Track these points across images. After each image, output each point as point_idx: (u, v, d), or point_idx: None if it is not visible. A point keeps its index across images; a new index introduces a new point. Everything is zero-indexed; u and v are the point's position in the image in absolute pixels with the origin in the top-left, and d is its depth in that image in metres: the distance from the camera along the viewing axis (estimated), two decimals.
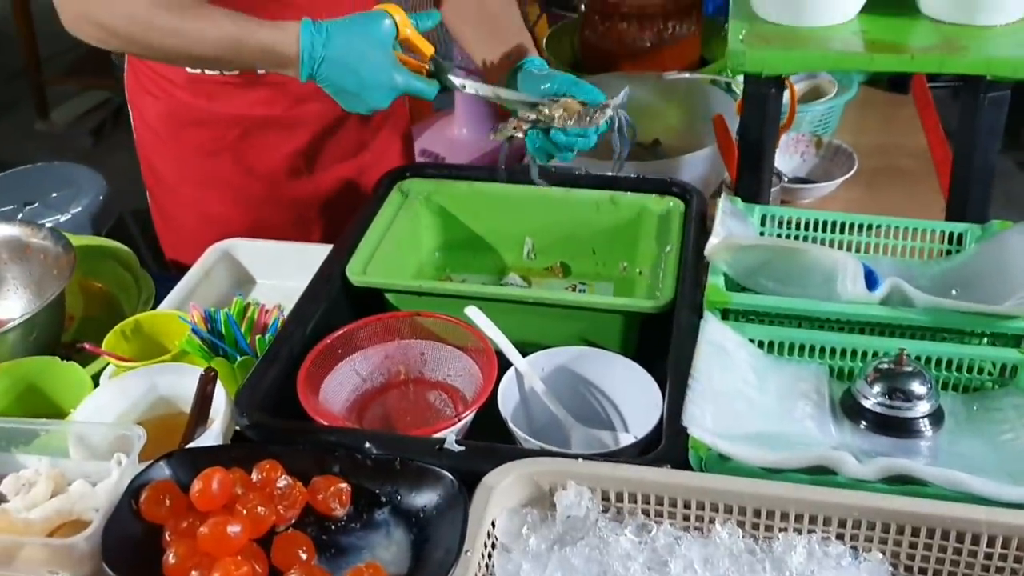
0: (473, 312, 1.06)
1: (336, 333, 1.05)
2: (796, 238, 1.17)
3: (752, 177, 1.22)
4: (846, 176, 1.45)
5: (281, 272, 1.36)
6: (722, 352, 0.97)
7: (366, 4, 1.32)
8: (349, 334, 1.06)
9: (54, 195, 2.34)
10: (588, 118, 1.12)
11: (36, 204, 2.28)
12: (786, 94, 1.28)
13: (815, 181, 1.50)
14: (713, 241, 1.04)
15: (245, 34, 1.08)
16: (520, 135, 1.15)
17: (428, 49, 1.11)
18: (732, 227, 1.11)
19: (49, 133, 3.76)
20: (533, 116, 1.13)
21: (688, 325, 1.03)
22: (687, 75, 1.55)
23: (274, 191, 1.39)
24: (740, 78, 1.66)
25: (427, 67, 1.12)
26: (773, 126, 1.19)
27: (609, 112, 1.13)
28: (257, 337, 1.10)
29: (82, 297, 1.37)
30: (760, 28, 1.17)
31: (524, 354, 1.06)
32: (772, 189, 1.26)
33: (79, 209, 2.25)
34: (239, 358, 1.10)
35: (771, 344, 1.00)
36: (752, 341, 1.00)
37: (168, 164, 1.41)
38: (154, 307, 1.29)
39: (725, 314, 1.02)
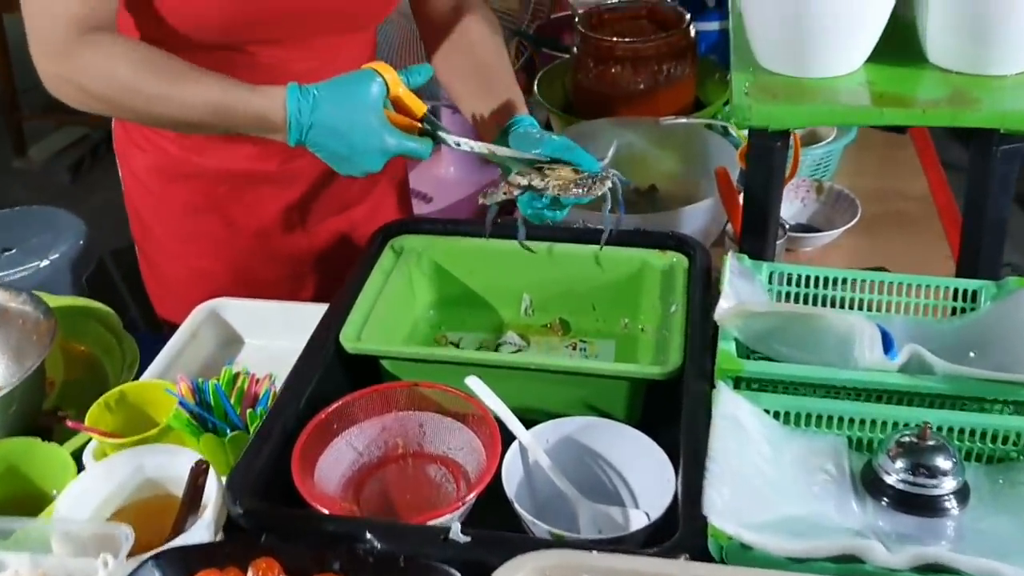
0: (474, 383, 1.02)
1: (330, 407, 1.01)
2: (805, 296, 1.13)
3: (758, 232, 1.18)
4: (849, 225, 1.42)
5: (271, 332, 1.31)
6: (737, 426, 0.93)
7: (355, 60, 1.29)
8: (344, 407, 1.01)
9: (33, 240, 2.28)
10: (585, 188, 1.08)
11: (14, 250, 2.21)
12: None
13: (817, 228, 1.47)
14: (723, 306, 1.01)
15: (232, 100, 1.03)
16: (511, 199, 1.12)
17: (420, 108, 1.07)
18: (740, 288, 1.07)
19: (27, 170, 3.70)
20: (524, 181, 1.10)
21: (698, 393, 0.99)
22: (683, 120, 1.51)
23: (266, 246, 1.35)
24: None
25: (420, 125, 1.08)
26: (779, 180, 1.16)
27: (608, 184, 1.09)
28: (248, 411, 1.05)
29: (63, 360, 1.31)
30: (764, 80, 1.13)
31: (525, 419, 1.02)
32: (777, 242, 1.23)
33: (57, 256, 2.19)
34: (229, 433, 1.05)
35: (786, 414, 0.96)
36: (767, 411, 0.96)
37: (157, 218, 1.36)
38: (139, 370, 1.24)
39: (737, 382, 0.98)
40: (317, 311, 1.27)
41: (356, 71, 1.06)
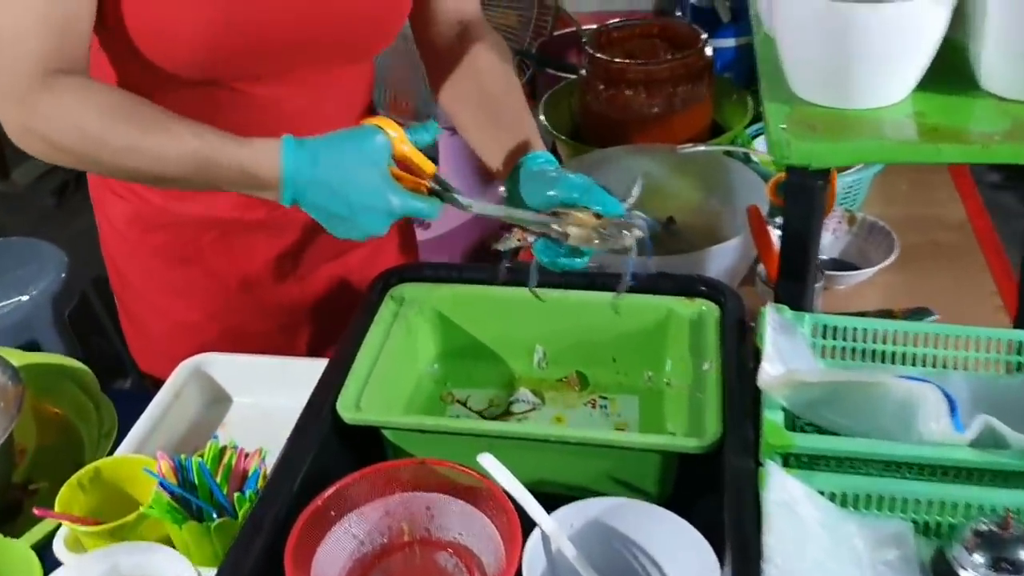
0: (487, 461, 0.91)
1: (327, 492, 0.89)
2: (852, 351, 1.03)
3: (797, 278, 1.07)
4: (888, 262, 1.31)
5: (262, 389, 1.21)
6: (791, 514, 0.82)
7: (351, 96, 1.18)
8: (342, 491, 0.90)
9: (13, 274, 2.17)
10: (608, 238, 0.98)
11: None
12: None
13: (850, 262, 1.36)
14: (769, 371, 0.90)
15: (215, 153, 0.92)
16: (526, 245, 1.01)
17: (429, 167, 0.97)
18: (782, 345, 0.96)
19: (10, 193, 3.58)
20: (540, 228, 0.99)
21: (742, 471, 0.88)
22: (703, 148, 1.40)
23: (254, 297, 1.24)
24: (760, 146, 1.53)
25: (427, 184, 0.97)
26: (819, 221, 1.05)
27: (636, 233, 0.98)
28: (236, 495, 0.94)
29: (36, 425, 1.20)
30: (802, 112, 1.03)
31: (541, 493, 0.91)
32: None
33: (37, 292, 2.08)
34: (216, 517, 0.94)
35: (843, 495, 0.85)
36: (822, 493, 0.85)
37: (136, 269, 1.25)
38: (118, 438, 1.13)
39: (786, 458, 0.88)
40: (311, 366, 1.17)
41: (357, 127, 0.96)
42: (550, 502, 0.91)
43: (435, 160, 2.22)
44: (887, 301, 1.32)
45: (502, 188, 1.10)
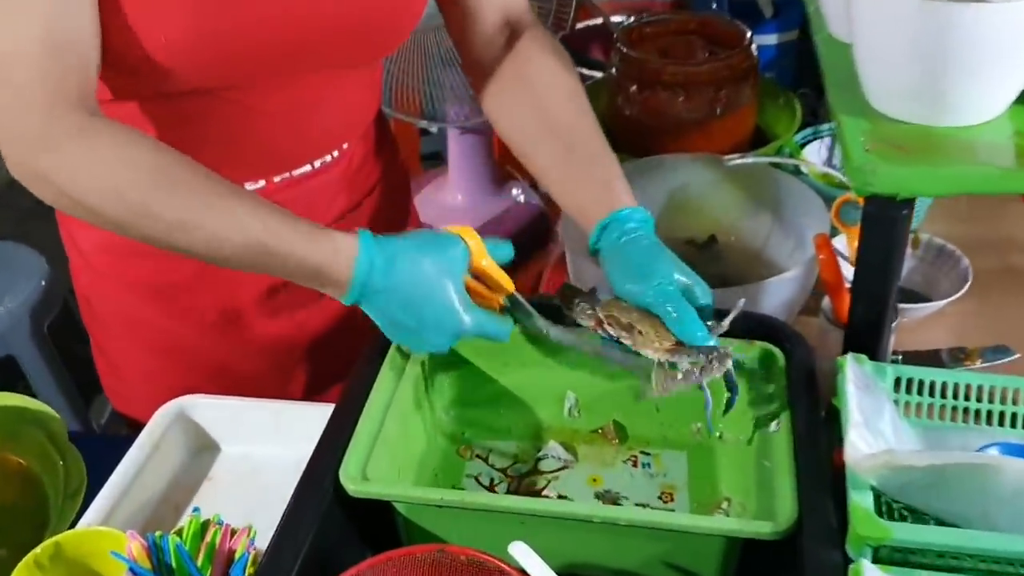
0: (520, 552, 0.76)
1: None
2: (941, 408, 0.88)
3: (873, 321, 0.93)
4: (962, 291, 1.16)
5: (253, 436, 1.06)
6: None
7: (356, 105, 1.03)
8: None
9: None
10: (689, 375, 0.84)
11: None
12: None
13: (916, 291, 1.21)
14: (858, 446, 0.75)
15: (280, 243, 0.79)
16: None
17: (508, 285, 0.87)
18: (864, 404, 0.82)
19: None
20: (613, 332, 0.86)
21: (826, 568, 0.73)
22: (751, 159, 1.25)
23: (243, 334, 1.08)
24: (811, 156, 1.38)
25: (500, 301, 0.88)
26: (901, 257, 0.90)
27: (722, 369, 0.83)
28: None
29: None
30: (885, 130, 0.87)
31: None
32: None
33: (15, 304, 1.92)
34: None
35: None
36: None
37: (108, 303, 1.09)
38: (88, 496, 0.98)
39: (875, 550, 0.73)
40: (308, 412, 1.03)
41: (438, 233, 0.84)
42: None
43: (444, 159, 2.08)
44: (959, 336, 1.17)
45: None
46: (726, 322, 0.84)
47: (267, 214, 0.79)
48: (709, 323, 0.86)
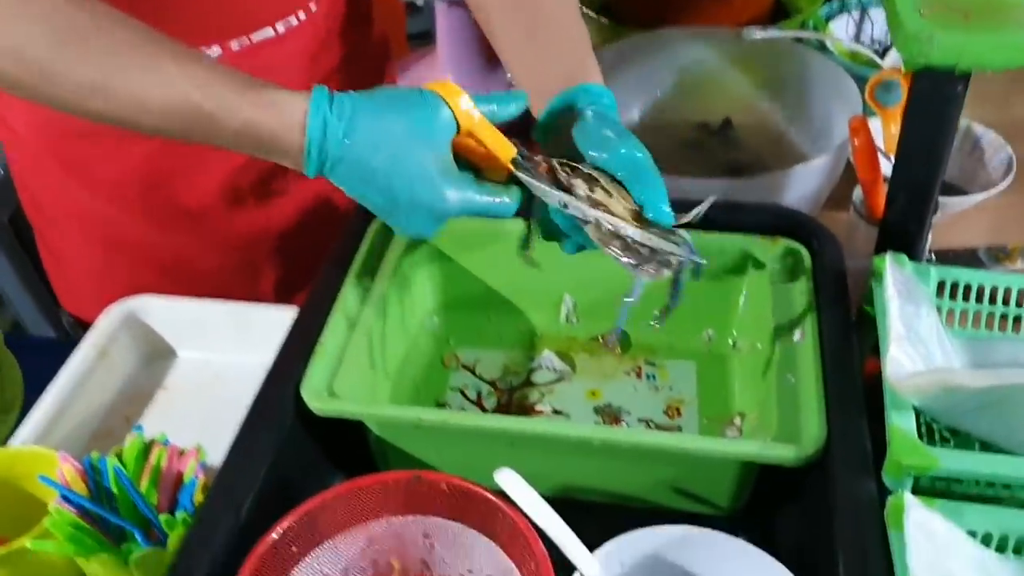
0: (508, 480, 0.66)
1: (286, 521, 0.65)
2: (990, 316, 0.77)
3: (913, 217, 0.81)
4: (1007, 181, 1.04)
5: (212, 340, 0.96)
6: (940, 569, 0.58)
7: None
8: (310, 518, 0.66)
9: None
10: (637, 257, 0.69)
11: None
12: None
13: (951, 183, 1.09)
14: (901, 362, 0.64)
15: (219, 110, 0.64)
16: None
17: (507, 150, 0.69)
18: (906, 312, 0.71)
19: None
20: (558, 196, 0.69)
21: (859, 501, 0.63)
22: (774, 33, 1.11)
23: (205, 226, 0.96)
24: (838, 32, 1.24)
25: (508, 166, 0.70)
26: (951, 141, 0.78)
27: (672, 265, 0.69)
28: (164, 517, 0.69)
29: None
30: None
31: (576, 502, 0.69)
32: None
33: None
34: (143, 545, 0.69)
35: (1003, 538, 0.61)
36: (972, 535, 0.61)
37: (51, 192, 0.97)
38: (23, 410, 0.88)
39: (916, 480, 0.63)
40: (274, 314, 0.92)
41: (412, 91, 0.67)
42: (587, 515, 0.68)
43: (434, 37, 1.92)
44: (997, 233, 1.06)
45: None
46: (694, 212, 0.71)
47: (202, 71, 0.64)
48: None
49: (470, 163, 0.70)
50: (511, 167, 0.69)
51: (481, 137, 0.68)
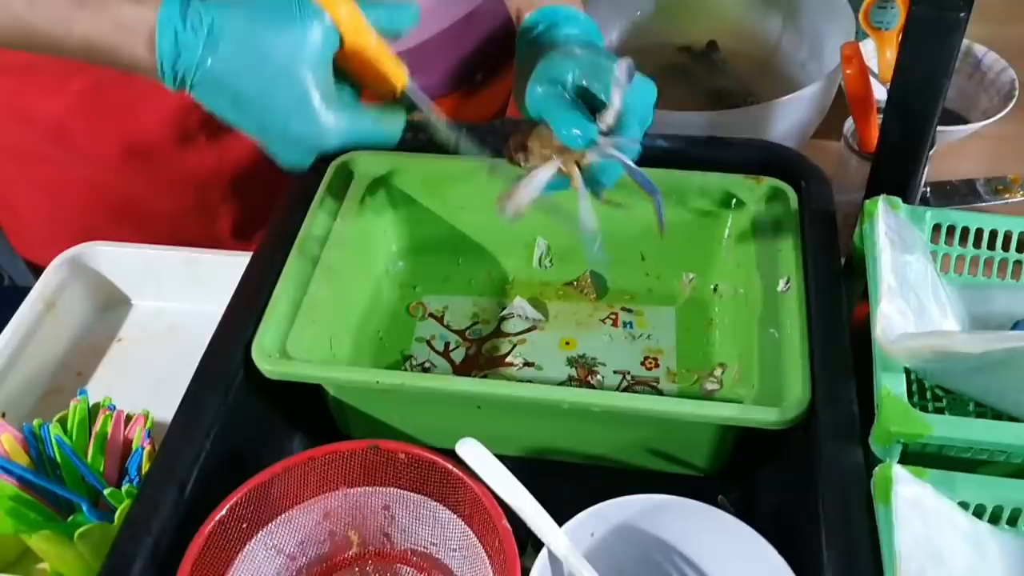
0: (469, 451, 0.62)
1: (234, 497, 0.61)
2: (988, 261, 0.72)
3: (908, 154, 0.75)
4: (1007, 109, 0.97)
5: (167, 288, 0.91)
6: (929, 548, 0.54)
7: None
8: (260, 492, 0.62)
9: None
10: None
11: None
12: None
13: (948, 108, 1.03)
14: (895, 322, 0.60)
15: (49, 22, 0.57)
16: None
17: (398, 77, 0.62)
18: (898, 264, 0.66)
19: None
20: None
21: (846, 469, 0.60)
22: None
23: (156, 166, 0.90)
24: None
25: (396, 91, 0.63)
26: (950, 74, 0.72)
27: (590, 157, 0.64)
28: (109, 491, 0.65)
29: None
30: None
31: (544, 464, 0.67)
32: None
33: None
34: (90, 517, 0.66)
35: (996, 509, 0.57)
36: (964, 507, 0.57)
37: None
38: None
39: (904, 451, 0.59)
40: (230, 260, 0.87)
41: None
42: (560, 478, 0.64)
43: None
44: (996, 164, 1.00)
45: None
46: (613, 106, 0.64)
47: None
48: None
49: (348, 76, 0.63)
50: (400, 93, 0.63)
51: (369, 53, 0.61)
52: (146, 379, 0.84)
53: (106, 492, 0.65)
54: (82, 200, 0.93)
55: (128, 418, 0.70)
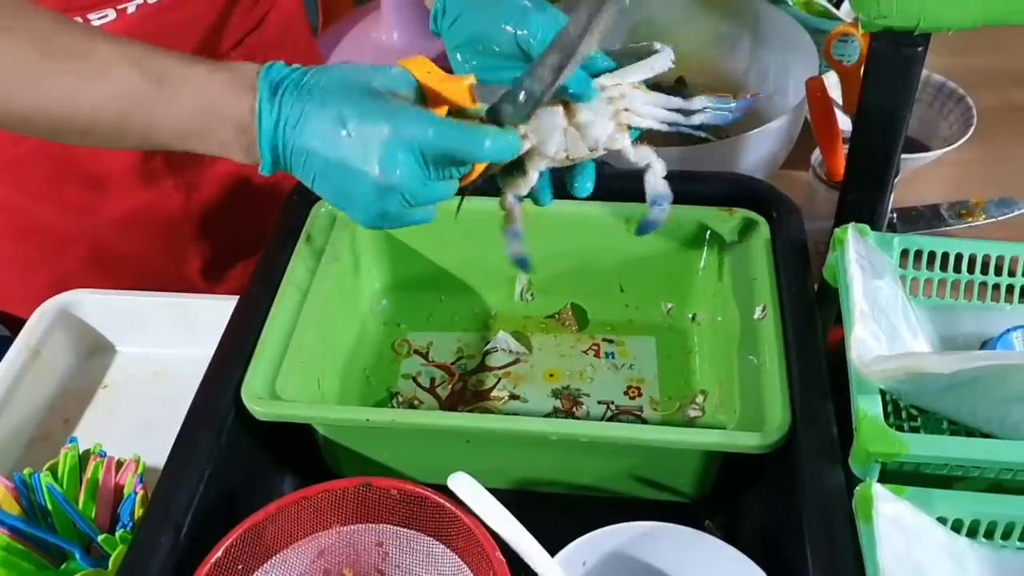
0: (461, 485, 0.63)
1: (229, 538, 0.61)
2: (955, 284, 0.75)
3: (875, 181, 0.78)
4: (966, 136, 1.01)
5: (152, 334, 0.91)
6: (909, 563, 0.56)
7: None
8: (255, 532, 0.62)
9: None
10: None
11: None
12: None
13: (910, 136, 1.06)
14: (868, 345, 0.62)
15: (162, 76, 0.57)
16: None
17: (464, 97, 0.63)
18: (870, 289, 0.68)
19: None
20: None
21: (827, 491, 0.61)
22: None
23: (121, 209, 0.91)
24: None
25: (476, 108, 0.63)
26: (911, 104, 0.75)
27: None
28: (103, 537, 0.66)
29: None
30: None
31: (532, 496, 0.68)
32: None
33: None
34: (83, 565, 0.66)
35: (973, 524, 0.59)
36: (943, 522, 0.59)
37: None
38: None
39: (883, 470, 0.61)
40: (215, 305, 0.88)
41: (376, 68, 0.60)
42: (549, 508, 0.66)
43: None
44: (959, 188, 1.03)
45: None
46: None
47: (132, 46, 0.58)
48: None
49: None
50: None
51: (438, 86, 0.61)
52: (133, 425, 0.84)
53: (100, 538, 0.65)
54: (45, 248, 0.93)
55: (119, 464, 0.70)
